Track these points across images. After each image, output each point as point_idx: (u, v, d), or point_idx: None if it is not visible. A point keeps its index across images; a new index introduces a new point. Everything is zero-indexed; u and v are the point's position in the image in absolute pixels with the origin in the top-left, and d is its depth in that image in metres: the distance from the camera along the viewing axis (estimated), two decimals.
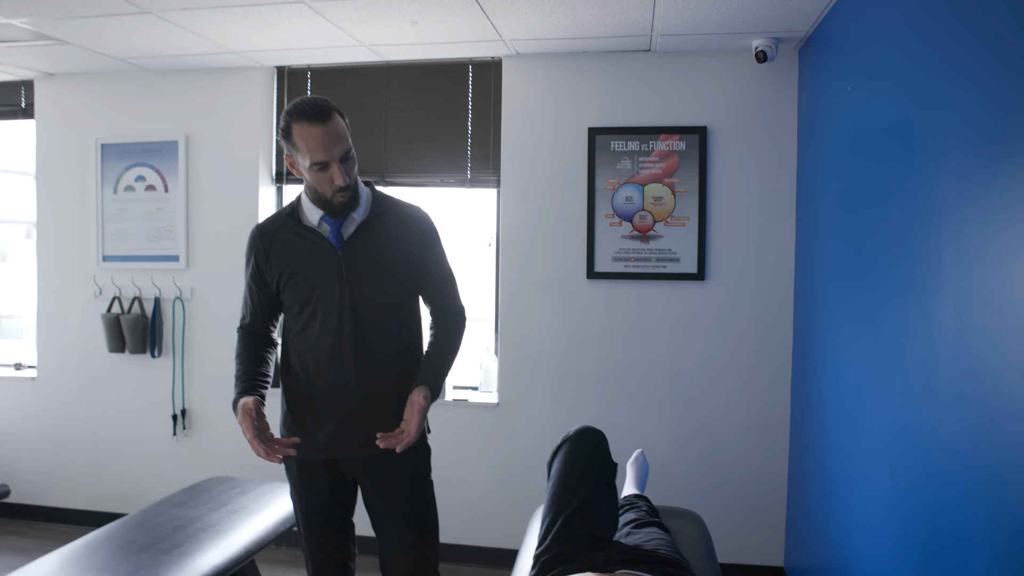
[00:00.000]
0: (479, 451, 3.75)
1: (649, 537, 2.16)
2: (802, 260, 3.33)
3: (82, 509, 4.19)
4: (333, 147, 1.96)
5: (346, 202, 2.03)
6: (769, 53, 3.22)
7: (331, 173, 1.97)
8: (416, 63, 3.77)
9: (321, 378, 2.10)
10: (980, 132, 1.60)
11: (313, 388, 2.12)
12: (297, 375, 2.15)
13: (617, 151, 3.54)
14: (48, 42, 3.44)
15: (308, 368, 2.12)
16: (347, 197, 2.02)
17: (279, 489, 3.03)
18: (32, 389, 4.24)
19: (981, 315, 1.58)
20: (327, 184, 1.99)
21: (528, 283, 3.67)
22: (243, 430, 1.96)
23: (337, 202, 2.02)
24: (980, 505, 1.56)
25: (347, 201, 2.03)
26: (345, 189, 2.00)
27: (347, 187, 2.00)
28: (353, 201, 2.05)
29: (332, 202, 2.03)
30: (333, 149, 1.96)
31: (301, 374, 2.14)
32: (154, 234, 4.01)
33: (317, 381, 2.11)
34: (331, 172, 1.97)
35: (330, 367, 2.09)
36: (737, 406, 3.53)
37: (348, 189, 2.01)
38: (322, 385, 2.10)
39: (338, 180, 1.98)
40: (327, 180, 1.98)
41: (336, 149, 1.96)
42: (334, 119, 1.97)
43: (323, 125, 1.94)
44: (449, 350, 2.19)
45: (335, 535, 2.22)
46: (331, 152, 1.96)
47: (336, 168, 1.97)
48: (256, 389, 2.06)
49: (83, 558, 2.33)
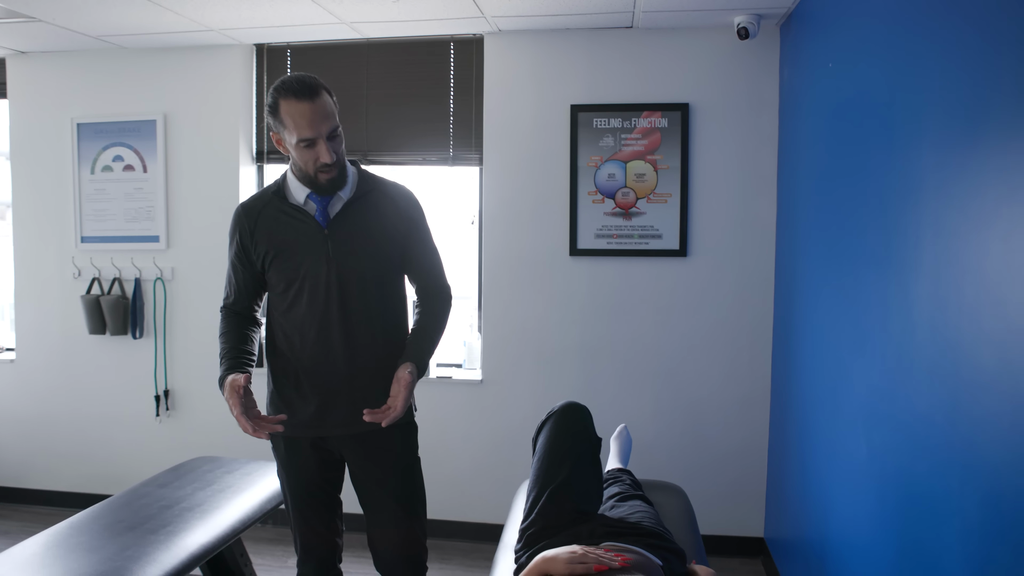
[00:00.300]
0: (463, 428, 3.77)
1: (633, 510, 2.19)
2: (783, 236, 3.36)
3: (65, 491, 4.18)
4: (320, 124, 1.95)
5: (333, 179, 2.03)
6: (751, 29, 3.23)
7: (318, 150, 1.97)
8: (397, 41, 3.74)
9: (307, 356, 2.10)
10: (960, 108, 1.62)
11: (299, 366, 2.12)
12: (283, 353, 2.15)
13: (600, 128, 3.54)
14: (20, 19, 3.38)
15: (294, 346, 2.12)
16: (334, 174, 2.02)
17: (264, 468, 3.04)
18: (11, 372, 4.20)
19: (957, 290, 1.61)
20: (313, 161, 1.99)
21: (511, 260, 3.68)
22: (230, 407, 1.96)
23: (323, 180, 2.02)
24: (954, 474, 1.60)
25: (334, 178, 2.03)
26: (331, 167, 2.00)
27: (333, 164, 2.00)
28: (340, 179, 2.05)
29: (318, 180, 2.02)
30: (320, 126, 1.95)
31: (287, 352, 2.14)
32: (133, 215, 3.97)
33: (303, 359, 2.11)
34: (318, 149, 1.97)
35: (316, 345, 2.09)
36: (719, 381, 3.57)
37: (335, 167, 2.01)
38: (308, 363, 2.11)
39: (324, 157, 1.97)
40: (313, 157, 1.98)
41: (323, 126, 1.96)
42: (322, 96, 1.96)
43: (311, 102, 1.94)
44: (435, 328, 2.20)
45: (323, 512, 2.23)
46: (318, 129, 1.95)
47: (323, 145, 1.97)
48: (242, 367, 2.06)
49: (69, 539, 2.33)
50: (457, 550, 3.68)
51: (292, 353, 2.13)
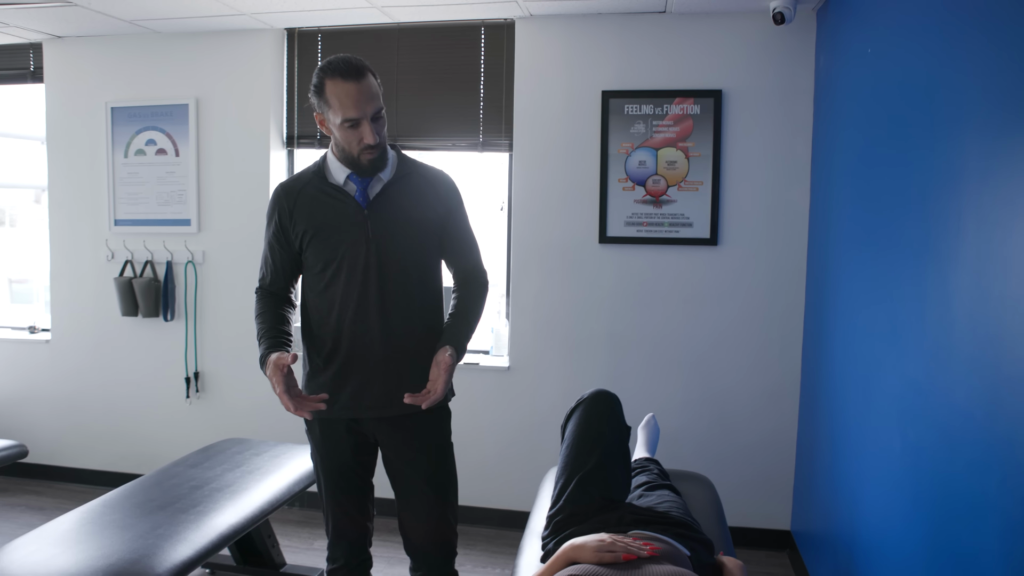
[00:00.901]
0: (491, 414, 3.77)
1: (661, 500, 2.18)
2: (816, 226, 3.30)
3: (98, 470, 4.26)
4: (365, 105, 1.96)
5: (374, 160, 2.04)
6: (787, 14, 3.16)
7: (362, 131, 1.98)
8: (427, 25, 3.72)
9: (344, 336, 2.10)
10: (1008, 94, 1.57)
11: (335, 347, 2.12)
12: (318, 335, 2.15)
13: (631, 115, 3.50)
14: (56, 3, 3.41)
15: (330, 326, 2.12)
16: (375, 155, 2.03)
17: (293, 451, 3.07)
18: (47, 352, 4.28)
19: (1001, 281, 1.57)
20: (356, 142, 2.00)
21: (540, 247, 3.66)
22: (273, 385, 1.96)
23: (365, 160, 2.03)
24: (993, 471, 1.57)
25: (375, 159, 2.04)
26: (374, 147, 2.01)
27: (376, 145, 2.01)
28: (381, 160, 2.06)
29: (361, 160, 2.03)
30: (365, 107, 1.96)
31: (323, 333, 2.14)
32: (165, 198, 4.01)
33: (340, 340, 2.11)
34: (362, 130, 1.98)
35: (353, 325, 2.09)
36: (748, 371, 3.54)
37: (377, 147, 2.02)
38: (345, 344, 2.11)
39: (368, 138, 1.98)
40: (357, 138, 1.99)
41: (368, 107, 1.97)
42: (367, 78, 1.97)
43: (356, 82, 1.94)
44: (474, 312, 2.19)
45: (356, 496, 2.24)
46: (363, 109, 1.96)
47: (367, 126, 1.98)
48: (283, 346, 2.07)
49: (102, 516, 2.37)
50: (482, 536, 3.69)
51: (328, 334, 2.12)
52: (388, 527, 2.57)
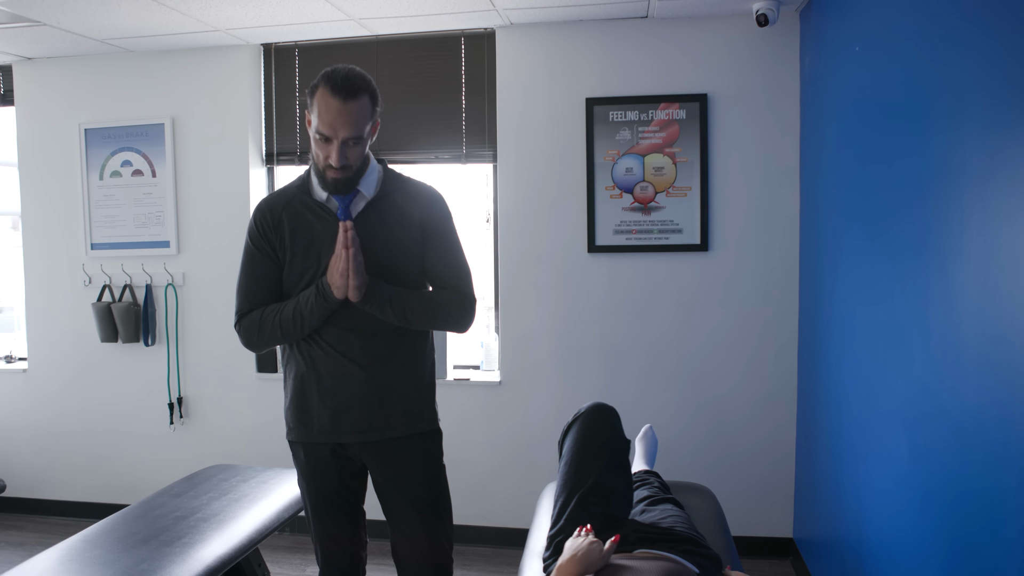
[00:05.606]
0: (483, 430, 3.70)
1: (664, 514, 2.11)
2: (807, 227, 3.27)
3: (80, 501, 4.13)
4: (342, 127, 1.89)
5: (338, 181, 1.96)
6: (770, 16, 3.14)
7: (329, 148, 1.92)
8: (407, 37, 3.67)
9: (323, 356, 2.03)
10: (1007, 85, 1.53)
11: (316, 369, 2.05)
12: (299, 357, 2.08)
13: (616, 121, 3.46)
14: (25, 24, 3.33)
15: (311, 348, 2.05)
16: (339, 176, 1.96)
17: (280, 476, 2.97)
18: (24, 381, 4.16)
19: (1010, 278, 1.52)
20: (323, 157, 1.94)
21: (528, 259, 3.60)
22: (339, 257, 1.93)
23: (329, 177, 1.97)
24: (1010, 474, 1.51)
25: (339, 180, 1.96)
26: (338, 169, 1.94)
27: (341, 168, 1.93)
28: (347, 184, 1.98)
29: (325, 175, 1.97)
30: (341, 129, 1.89)
31: (304, 355, 2.07)
32: (143, 220, 3.92)
33: (320, 362, 2.04)
34: (329, 148, 1.92)
35: (332, 345, 2.02)
36: (744, 378, 3.48)
37: (343, 170, 1.94)
38: (325, 366, 2.04)
39: (332, 159, 1.92)
40: (324, 153, 1.94)
41: (344, 130, 1.90)
42: (358, 100, 1.90)
43: (343, 102, 1.88)
44: (427, 300, 2.06)
45: (345, 523, 2.16)
46: (336, 131, 1.90)
47: (336, 146, 1.91)
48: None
49: (83, 553, 2.27)
50: (479, 555, 3.61)
51: (309, 355, 2.06)
52: (382, 550, 2.49)
